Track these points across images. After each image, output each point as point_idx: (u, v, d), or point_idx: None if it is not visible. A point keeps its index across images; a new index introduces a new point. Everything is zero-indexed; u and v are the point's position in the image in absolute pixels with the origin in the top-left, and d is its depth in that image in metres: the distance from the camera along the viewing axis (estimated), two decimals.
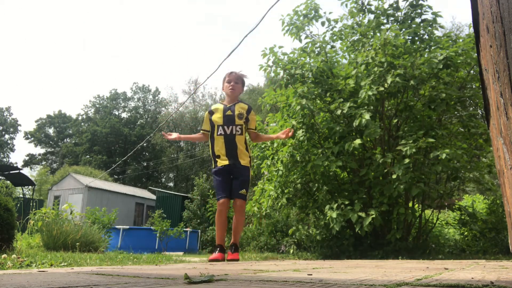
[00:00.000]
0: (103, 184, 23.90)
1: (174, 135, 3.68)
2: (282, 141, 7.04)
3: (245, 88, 3.87)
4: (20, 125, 49.74)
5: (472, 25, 1.69)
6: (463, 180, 6.75)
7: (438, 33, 7.11)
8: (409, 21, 7.11)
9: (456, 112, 6.72)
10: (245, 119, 3.50)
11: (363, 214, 5.76)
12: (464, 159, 5.86)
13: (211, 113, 3.54)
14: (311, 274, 2.24)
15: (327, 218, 6.08)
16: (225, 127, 3.39)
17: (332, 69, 7.06)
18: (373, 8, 7.41)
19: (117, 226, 11.88)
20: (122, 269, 2.85)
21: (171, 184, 41.62)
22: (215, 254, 3.35)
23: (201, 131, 3.65)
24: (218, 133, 3.41)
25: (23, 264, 3.24)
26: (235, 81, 3.56)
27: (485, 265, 3.28)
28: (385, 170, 6.08)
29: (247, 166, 3.43)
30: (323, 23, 7.45)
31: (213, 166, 3.48)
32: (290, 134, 3.71)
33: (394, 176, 5.72)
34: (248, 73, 3.98)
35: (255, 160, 7.83)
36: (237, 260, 3.44)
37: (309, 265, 3.53)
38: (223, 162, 3.38)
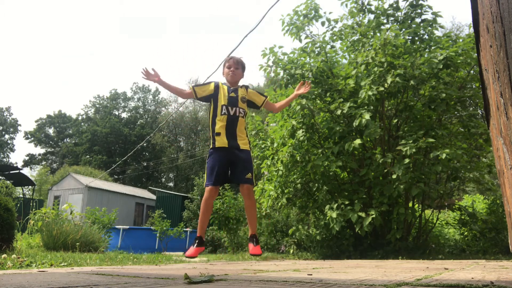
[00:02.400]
0: (103, 184, 23.90)
1: (154, 77, 3.44)
2: (282, 141, 7.04)
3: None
4: (20, 125, 49.76)
5: (472, 25, 1.69)
6: (463, 180, 6.75)
7: (438, 33, 7.11)
8: (409, 21, 7.11)
9: (456, 112, 6.71)
10: (246, 102, 3.43)
11: (363, 214, 5.76)
12: (464, 159, 5.86)
13: (217, 88, 3.44)
14: (311, 274, 2.24)
15: (327, 218, 6.08)
16: (229, 107, 3.32)
17: (332, 69, 7.06)
18: (373, 8, 7.41)
19: (117, 226, 11.88)
20: (122, 269, 2.85)
21: (171, 184, 41.62)
22: (192, 250, 3.21)
23: (192, 87, 3.49)
24: (222, 113, 3.32)
25: (23, 264, 3.24)
26: (235, 66, 3.48)
27: (485, 265, 3.28)
28: (385, 170, 6.08)
29: (248, 149, 3.35)
30: (323, 23, 7.45)
31: (211, 146, 3.37)
32: (307, 87, 3.54)
33: (394, 176, 5.72)
34: (247, 67, 3.86)
35: (255, 160, 7.83)
36: (260, 254, 3.37)
37: (309, 265, 3.53)
38: (222, 143, 3.27)
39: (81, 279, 1.87)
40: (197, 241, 3.24)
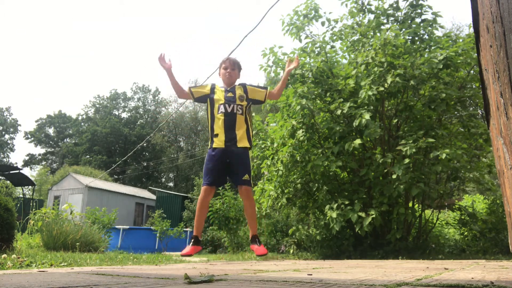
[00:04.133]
0: (103, 184, 23.89)
1: (166, 64, 3.52)
2: (282, 141, 7.04)
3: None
4: (20, 125, 49.74)
5: (472, 25, 1.69)
6: (463, 180, 6.74)
7: (438, 33, 7.11)
8: (409, 21, 7.11)
9: (456, 112, 6.71)
10: (246, 100, 3.43)
11: (363, 214, 5.76)
12: (464, 159, 5.85)
13: (213, 89, 3.46)
14: (311, 274, 2.23)
15: (327, 218, 6.07)
16: (226, 105, 3.33)
17: (332, 69, 7.06)
18: (373, 8, 7.41)
19: (117, 226, 11.87)
20: (122, 269, 2.85)
21: (171, 184, 41.61)
22: (188, 248, 3.23)
23: (189, 88, 3.53)
24: (219, 112, 3.33)
25: (23, 264, 3.24)
26: (232, 67, 3.51)
27: (485, 265, 3.28)
28: (385, 170, 6.07)
29: (246, 147, 3.35)
30: (323, 23, 7.44)
31: (209, 146, 3.40)
32: (296, 62, 3.57)
33: (394, 176, 5.72)
34: (247, 67, 3.92)
35: (255, 160, 7.83)
36: (266, 254, 3.36)
37: (309, 265, 3.53)
38: (219, 143, 3.29)
39: (81, 279, 1.87)
40: (193, 240, 3.26)
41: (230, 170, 3.35)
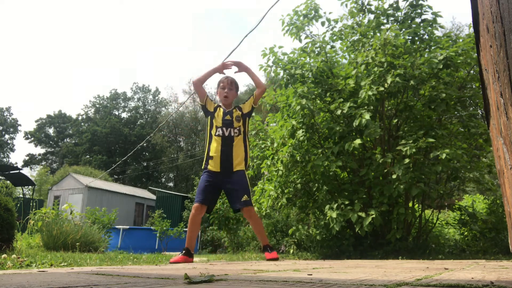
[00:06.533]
0: (103, 184, 23.89)
1: (221, 70, 3.64)
2: (282, 141, 7.04)
3: (245, 88, 3.86)
4: (20, 125, 49.73)
5: (472, 25, 1.69)
6: (463, 180, 6.74)
7: (438, 33, 7.10)
8: (409, 21, 7.10)
9: (456, 112, 6.71)
10: (242, 117, 3.47)
11: (363, 214, 5.75)
12: (464, 159, 5.85)
13: (215, 110, 3.50)
14: (311, 274, 2.23)
15: (327, 218, 6.07)
16: (224, 128, 3.36)
17: (332, 69, 7.06)
18: (373, 8, 7.41)
19: (117, 226, 11.88)
20: (122, 269, 2.85)
21: (171, 184, 41.64)
22: (177, 257, 3.30)
23: (206, 96, 3.59)
24: (216, 134, 3.36)
25: (23, 264, 3.23)
26: (229, 87, 3.55)
27: (485, 265, 3.28)
28: (385, 170, 6.07)
29: (242, 170, 3.38)
30: (323, 23, 7.44)
31: (203, 166, 3.42)
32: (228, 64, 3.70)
33: (394, 176, 5.72)
34: (243, 78, 4.01)
35: (255, 160, 7.83)
36: (277, 259, 3.43)
37: (309, 265, 3.52)
38: (215, 167, 3.33)
39: (81, 279, 1.87)
40: (184, 251, 3.29)
41: (228, 196, 3.38)
